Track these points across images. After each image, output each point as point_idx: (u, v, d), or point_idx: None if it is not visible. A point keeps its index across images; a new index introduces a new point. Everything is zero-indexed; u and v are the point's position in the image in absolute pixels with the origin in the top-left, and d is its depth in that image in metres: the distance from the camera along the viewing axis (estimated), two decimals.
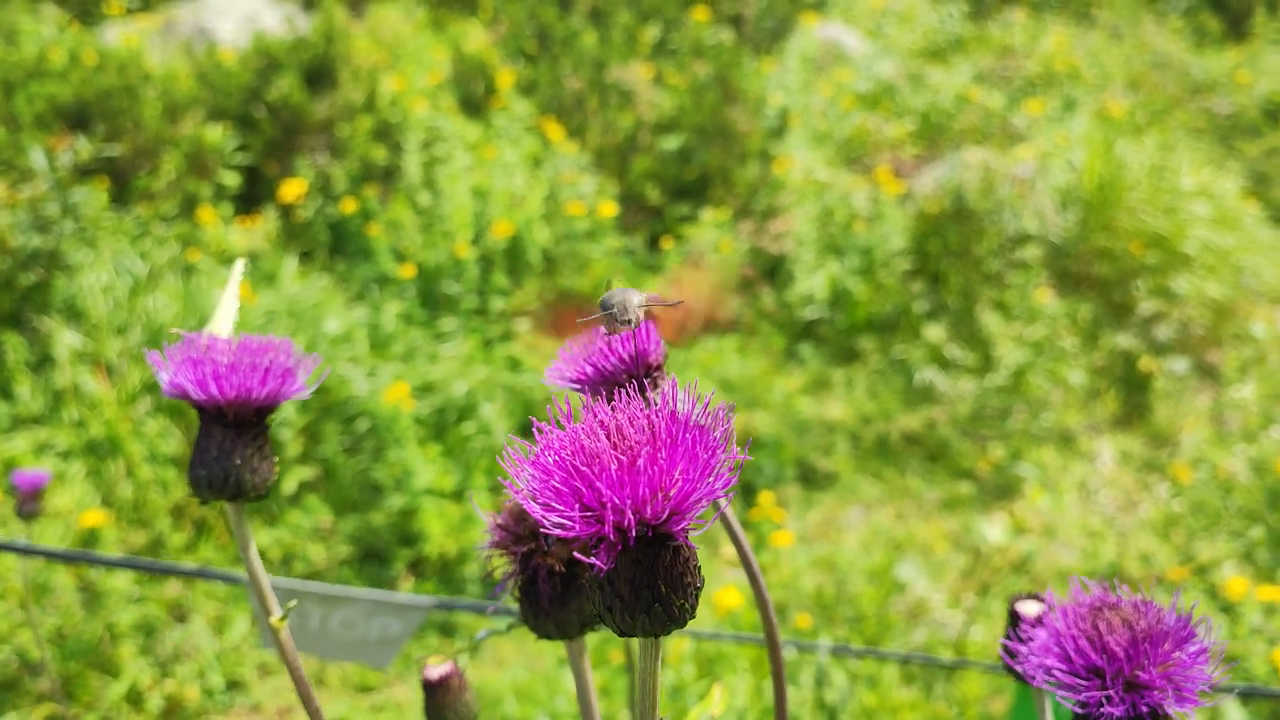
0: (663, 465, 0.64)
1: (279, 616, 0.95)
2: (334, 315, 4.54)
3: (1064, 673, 0.91)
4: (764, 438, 4.64)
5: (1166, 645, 0.90)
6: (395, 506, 4.03)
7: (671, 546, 0.67)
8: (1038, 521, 4.34)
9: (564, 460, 0.65)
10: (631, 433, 0.66)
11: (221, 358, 0.93)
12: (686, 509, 0.64)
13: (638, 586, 0.66)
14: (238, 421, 0.95)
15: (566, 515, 0.64)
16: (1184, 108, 7.46)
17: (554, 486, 0.65)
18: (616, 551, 0.65)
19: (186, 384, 0.92)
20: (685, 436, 0.65)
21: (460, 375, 4.48)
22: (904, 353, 5.17)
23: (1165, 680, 0.89)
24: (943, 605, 3.93)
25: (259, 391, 0.94)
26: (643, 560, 0.66)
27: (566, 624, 0.97)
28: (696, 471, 0.64)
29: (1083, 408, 4.97)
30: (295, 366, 0.97)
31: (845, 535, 4.35)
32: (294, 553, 3.93)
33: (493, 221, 5.15)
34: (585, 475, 0.63)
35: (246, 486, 0.95)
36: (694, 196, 5.95)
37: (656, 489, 0.63)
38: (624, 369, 0.87)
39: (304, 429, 4.19)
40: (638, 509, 0.63)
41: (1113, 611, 0.94)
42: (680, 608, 0.67)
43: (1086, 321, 5.30)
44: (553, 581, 0.96)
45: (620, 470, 0.63)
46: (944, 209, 5.59)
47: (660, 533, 0.66)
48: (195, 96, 5.51)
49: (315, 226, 5.28)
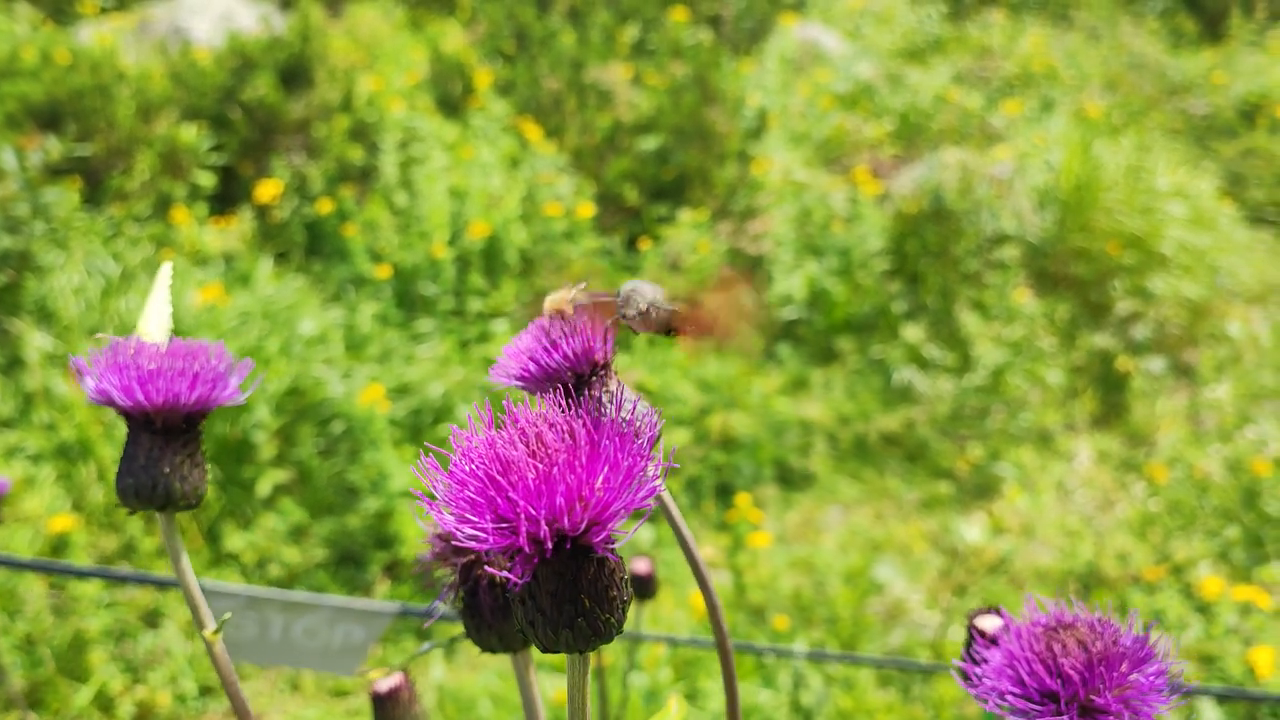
0: (580, 474, 0.61)
1: (212, 630, 0.92)
2: (309, 316, 4.49)
3: (1017, 697, 0.88)
4: (742, 438, 4.62)
5: (1123, 667, 0.87)
6: (371, 509, 3.99)
7: (594, 559, 0.64)
8: (1016, 521, 4.33)
9: (480, 469, 0.62)
10: (551, 439, 0.63)
11: (148, 363, 0.90)
12: (606, 519, 0.62)
13: (560, 600, 0.63)
14: (166, 428, 0.92)
15: (480, 527, 0.61)
16: (1160, 108, 7.47)
17: (468, 497, 0.62)
18: (533, 564, 0.62)
19: (111, 390, 0.89)
20: (606, 443, 0.63)
21: (436, 377, 4.45)
22: (882, 353, 5.16)
23: (1121, 704, 0.86)
24: (921, 606, 3.92)
25: (188, 397, 0.90)
26: (564, 573, 0.63)
27: (509, 636, 0.94)
28: (618, 480, 0.62)
29: (1060, 407, 4.97)
30: (226, 371, 0.94)
31: (823, 536, 4.33)
32: (269, 556, 3.88)
33: (470, 222, 5.11)
34: (500, 485, 0.61)
35: (176, 495, 0.91)
36: (672, 197, 5.93)
37: (574, 499, 0.61)
38: (568, 366, 0.85)
39: (278, 431, 4.15)
40: (554, 519, 0.60)
41: (1068, 632, 0.91)
42: (605, 622, 0.64)
43: (1064, 321, 5.30)
44: (494, 593, 0.93)
45: (537, 479, 0.60)
46: (922, 209, 5.58)
47: (580, 544, 0.63)
48: (170, 96, 5.46)
49: (291, 227, 5.23)
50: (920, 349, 5.11)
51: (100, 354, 0.91)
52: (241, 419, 4.02)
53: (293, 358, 4.29)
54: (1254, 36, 8.40)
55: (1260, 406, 4.91)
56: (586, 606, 0.63)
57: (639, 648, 3.36)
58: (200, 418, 0.94)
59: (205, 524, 3.90)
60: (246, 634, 2.04)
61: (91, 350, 0.92)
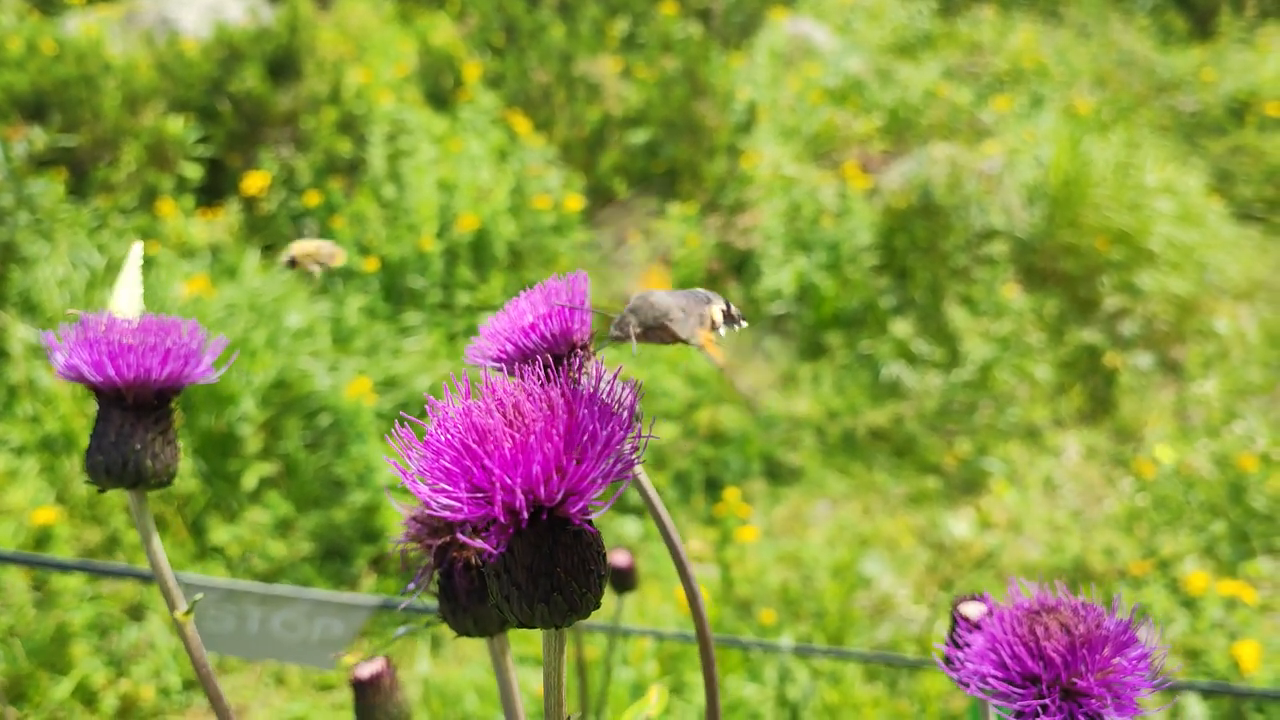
0: (558, 443, 0.59)
1: (183, 611, 0.90)
2: (296, 309, 4.46)
3: (999, 680, 0.87)
4: (730, 433, 4.61)
5: (1106, 651, 0.86)
6: (357, 502, 3.97)
7: (571, 531, 0.62)
8: (1003, 516, 4.32)
9: (455, 439, 0.61)
10: (529, 409, 0.61)
11: (119, 338, 0.88)
12: (584, 489, 0.60)
13: (535, 574, 0.62)
14: (138, 405, 0.89)
15: (454, 496, 0.59)
16: (1150, 105, 7.48)
17: (444, 466, 0.60)
18: (508, 535, 0.60)
19: (81, 365, 0.87)
20: (585, 414, 0.61)
21: (424, 370, 4.42)
22: (871, 348, 5.15)
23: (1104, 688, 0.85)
24: (908, 600, 3.91)
25: (159, 373, 0.88)
26: (540, 546, 0.62)
27: (485, 620, 0.92)
28: (596, 450, 0.60)
29: (1048, 403, 4.97)
30: (199, 348, 0.92)
31: (811, 530, 4.32)
32: (254, 549, 3.86)
33: (458, 215, 5.09)
34: (475, 453, 0.59)
35: (147, 473, 0.89)
36: (662, 190, 5.91)
37: (551, 468, 0.59)
38: (546, 347, 0.83)
39: (264, 424, 4.12)
40: (530, 489, 0.59)
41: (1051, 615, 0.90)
42: (582, 596, 0.63)
43: (1052, 317, 5.30)
44: (469, 575, 0.91)
45: (514, 449, 0.59)
46: (911, 204, 5.58)
47: (557, 516, 0.61)
48: (156, 87, 5.42)
49: (278, 219, 5.20)
50: (908, 344, 5.11)
51: (71, 330, 0.89)
52: (227, 412, 3.99)
53: (279, 350, 4.26)
54: (1243, 34, 8.42)
55: (1247, 402, 4.92)
56: (562, 580, 0.62)
57: (625, 641, 3.34)
58: (172, 394, 0.92)
59: (190, 517, 3.87)
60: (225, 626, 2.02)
61: (62, 327, 0.90)
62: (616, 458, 0.61)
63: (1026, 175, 5.74)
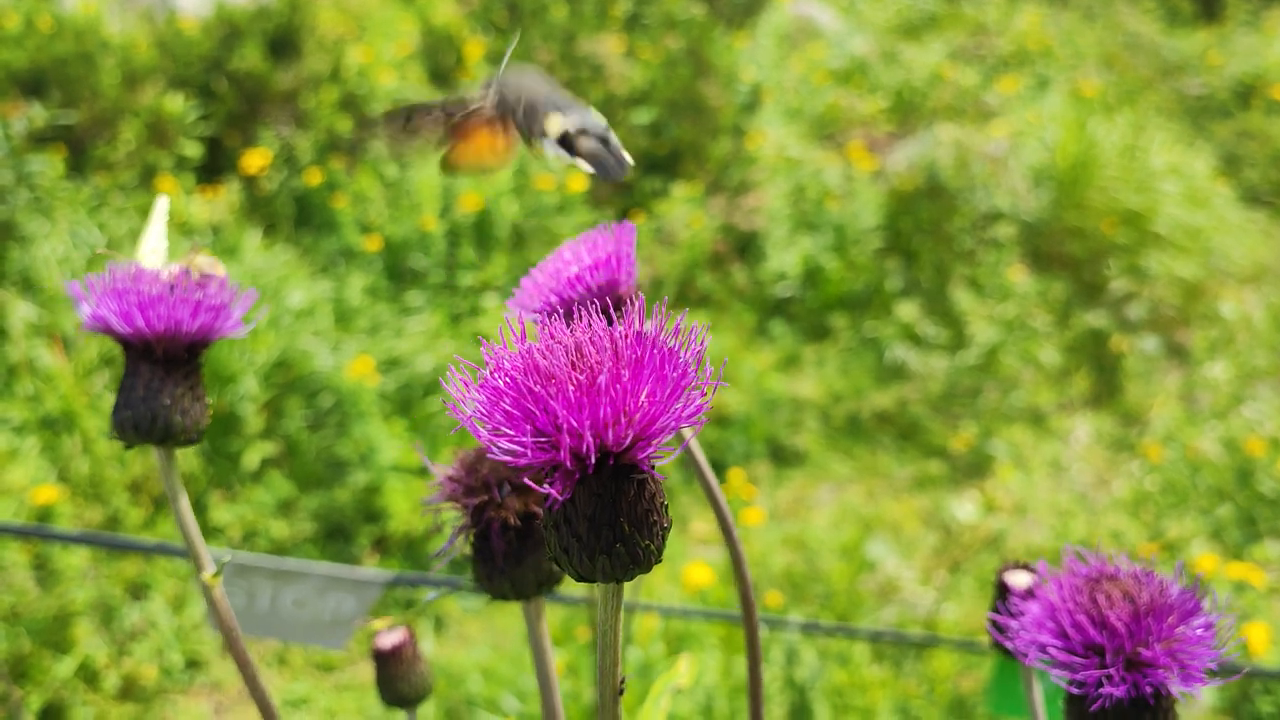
0: (626, 386, 0.57)
1: (212, 573, 0.88)
2: (298, 288, 4.44)
3: (1059, 650, 0.85)
4: (734, 415, 4.59)
5: (1171, 620, 0.84)
6: (359, 483, 3.96)
7: (636, 480, 0.60)
8: (1009, 500, 4.32)
9: (516, 381, 0.58)
10: (592, 352, 0.59)
11: (149, 288, 0.85)
12: (653, 434, 0.58)
13: (598, 524, 0.60)
14: (167, 358, 0.87)
15: (517, 441, 0.57)
16: (1156, 88, 7.45)
17: (504, 410, 0.58)
18: (574, 481, 0.58)
19: (109, 316, 0.84)
20: (652, 356, 0.59)
21: (426, 350, 4.40)
22: (876, 330, 5.14)
23: (1169, 657, 0.83)
24: (913, 583, 3.91)
25: (190, 325, 0.86)
26: (604, 495, 0.60)
27: (522, 582, 0.90)
28: (664, 394, 0.58)
29: (1054, 386, 4.95)
30: (230, 301, 0.90)
31: (815, 513, 4.31)
32: (255, 529, 3.84)
33: (461, 195, 5.06)
34: (539, 396, 0.57)
35: (176, 429, 0.87)
36: (665, 171, 5.88)
37: (619, 412, 0.57)
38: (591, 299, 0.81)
39: (266, 404, 4.10)
40: (598, 433, 0.57)
41: (1112, 583, 0.88)
42: (645, 549, 0.60)
43: (1058, 300, 5.28)
44: (507, 537, 0.89)
45: (579, 391, 0.56)
46: (917, 186, 5.56)
47: (623, 463, 0.59)
48: (155, 65, 5.37)
49: (279, 198, 5.17)
50: (914, 327, 5.09)
51: (97, 280, 0.87)
52: (229, 391, 3.97)
53: (281, 330, 4.24)
54: (1250, 17, 8.38)
55: (1253, 386, 4.91)
56: (626, 532, 0.59)
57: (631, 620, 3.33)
58: (203, 347, 0.90)
59: (192, 496, 3.85)
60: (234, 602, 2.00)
61: (87, 277, 0.87)
62: (685, 400, 0.58)
63: (1032, 157, 5.72)
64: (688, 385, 0.59)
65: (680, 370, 0.59)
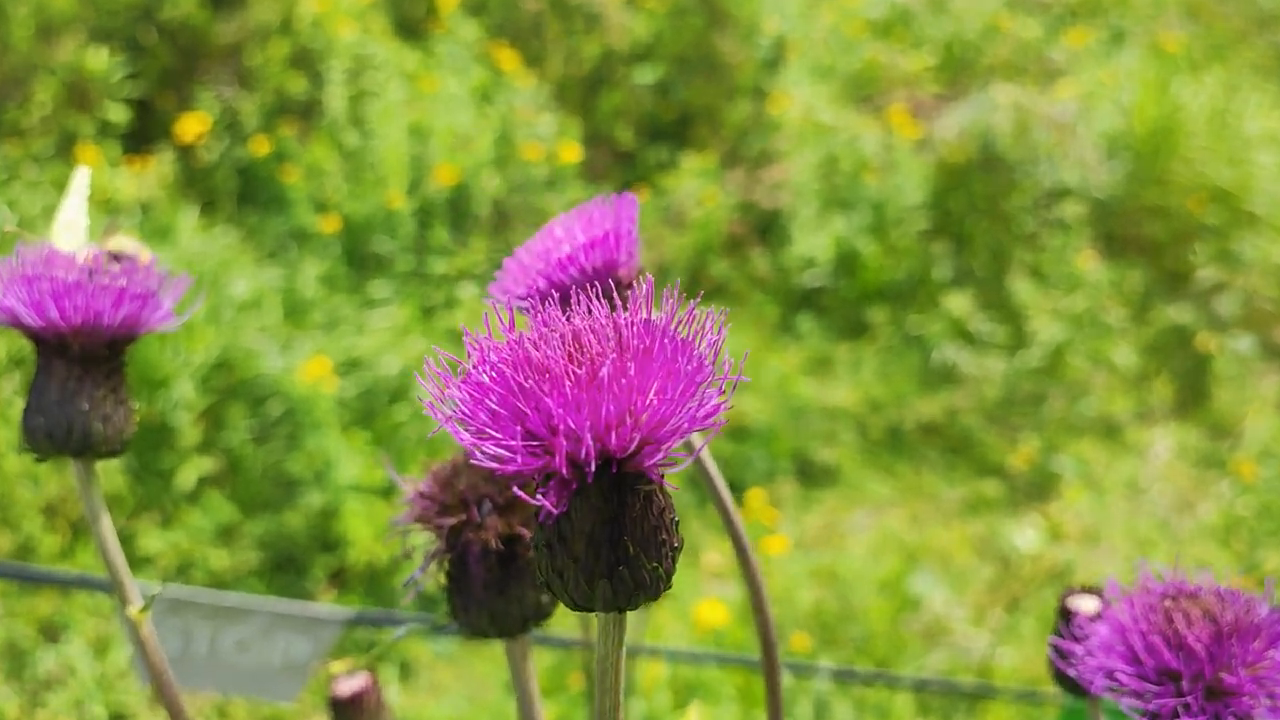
0: (632, 381, 0.57)
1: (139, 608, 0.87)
2: (242, 276, 4.44)
3: (1130, 676, 0.85)
4: (754, 426, 4.60)
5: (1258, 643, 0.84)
6: (314, 505, 3.96)
7: (642, 492, 0.60)
8: (1077, 526, 4.32)
9: (504, 375, 0.58)
10: (593, 341, 0.59)
11: (64, 275, 0.85)
12: (662, 438, 0.57)
13: (597, 543, 0.59)
14: (85, 356, 0.86)
15: (505, 444, 0.57)
16: (1250, 42, 7.45)
17: (490, 408, 0.58)
18: (570, 492, 0.58)
19: (18, 306, 0.84)
20: (662, 346, 0.58)
21: (393, 349, 4.41)
22: (921, 326, 5.14)
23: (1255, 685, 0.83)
24: (965, 623, 3.91)
25: (111, 316, 0.86)
26: (604, 509, 0.59)
27: (505, 617, 0.89)
28: (676, 391, 0.57)
29: (1130, 392, 4.95)
30: (158, 289, 0.89)
31: (850, 541, 4.32)
32: (192, 560, 3.84)
33: (433, 167, 5.07)
34: (531, 393, 0.56)
35: (96, 438, 0.86)
36: (673, 139, 5.89)
37: (624, 411, 0.56)
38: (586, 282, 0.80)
39: (205, 413, 4.10)
40: (599, 436, 0.56)
41: (1191, 602, 0.88)
42: (653, 572, 0.60)
43: (1135, 291, 5.29)
44: (487, 563, 0.88)
45: (577, 387, 0.56)
46: (969, 157, 5.56)
47: (627, 471, 0.59)
48: (74, 14, 5.38)
49: (220, 171, 5.18)
50: (965, 322, 5.10)
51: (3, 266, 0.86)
52: (160, 396, 3.97)
53: (222, 325, 4.24)
54: None
55: None
56: (630, 552, 0.59)
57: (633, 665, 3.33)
58: (126, 343, 0.89)
59: (117, 520, 3.85)
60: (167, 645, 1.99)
61: None
62: (699, 400, 0.58)
63: (1105, 123, 5.72)
64: (703, 381, 0.58)
65: (695, 363, 0.58)
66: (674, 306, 0.61)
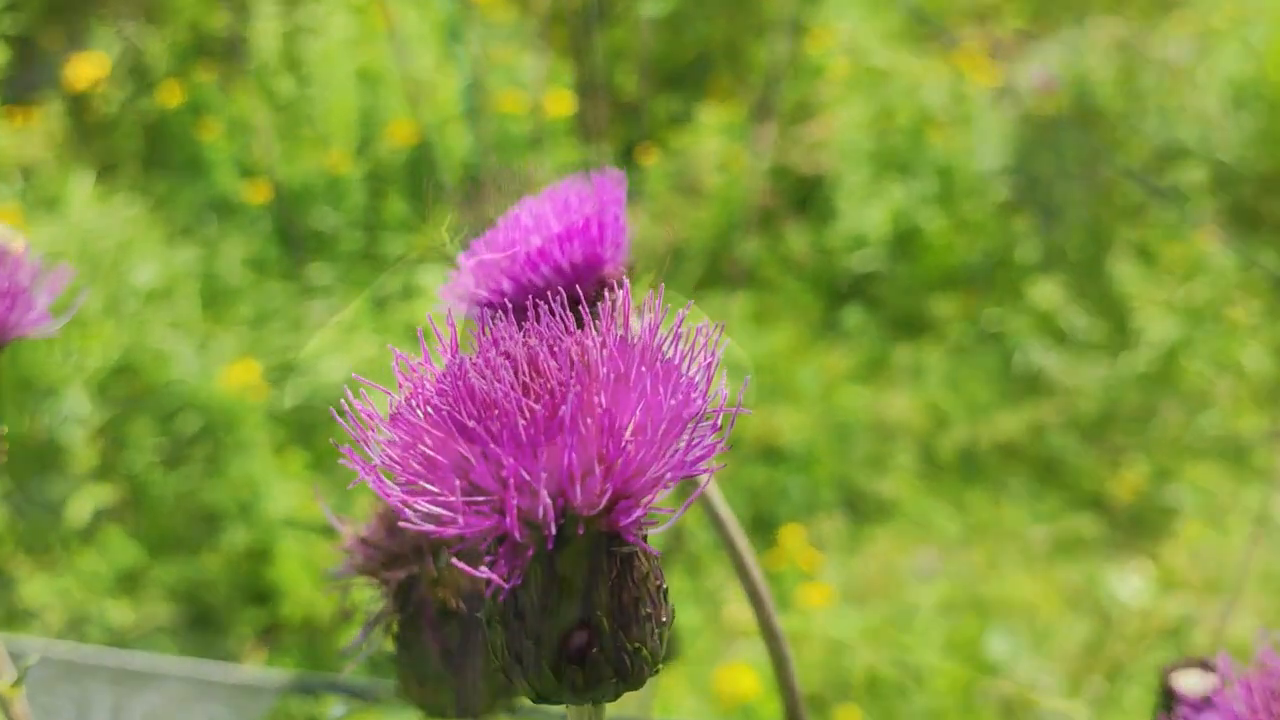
0: (601, 419, 0.57)
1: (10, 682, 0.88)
2: (148, 259, 4.47)
3: None
4: (790, 446, 4.61)
5: None
6: (239, 544, 3.98)
7: (619, 555, 0.61)
8: (1196, 572, 4.32)
9: (441, 412, 0.59)
10: (553, 367, 0.59)
11: None
12: (640, 490, 0.58)
13: (562, 620, 0.60)
14: None
15: (442, 500, 0.57)
16: None
17: (423, 454, 0.59)
18: (526, 558, 0.58)
19: None
20: (640, 373, 0.59)
21: (338, 350, 4.42)
22: (999, 322, 5.14)
23: None
24: (1055, 693, 3.92)
25: None
26: (571, 579, 0.60)
27: (469, 692, 0.90)
28: (658, 431, 0.58)
29: (1263, 405, 4.96)
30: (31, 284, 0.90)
31: (910, 591, 4.32)
32: (85, 614, 3.87)
33: (387, 122, 5.09)
34: (475, 435, 0.57)
35: None
36: (688, 86, 5.90)
37: (591, 458, 0.57)
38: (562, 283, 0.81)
39: (102, 429, 4.13)
40: (561, 489, 0.57)
41: None
42: (634, 655, 0.61)
43: (1269, 279, 5.28)
44: (447, 628, 0.89)
45: (532, 427, 0.57)
46: (1061, 110, 5.56)
47: (598, 531, 0.60)
48: None
49: (122, 126, 5.20)
50: (1055, 317, 5.10)
51: None
52: (45, 408, 3.99)
53: (123, 320, 4.27)
54: None
55: None
56: (605, 630, 0.60)
57: None
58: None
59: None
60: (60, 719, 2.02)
61: None
62: (689, 438, 0.59)
63: (1231, 67, 5.71)
64: (694, 415, 0.59)
65: (683, 393, 0.59)
66: (658, 315, 0.62)
